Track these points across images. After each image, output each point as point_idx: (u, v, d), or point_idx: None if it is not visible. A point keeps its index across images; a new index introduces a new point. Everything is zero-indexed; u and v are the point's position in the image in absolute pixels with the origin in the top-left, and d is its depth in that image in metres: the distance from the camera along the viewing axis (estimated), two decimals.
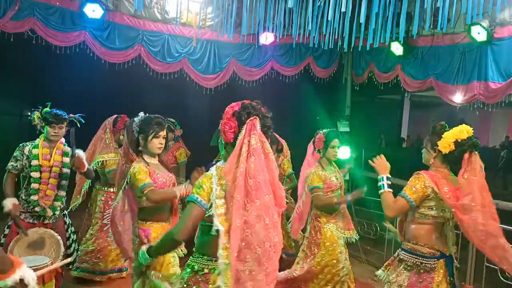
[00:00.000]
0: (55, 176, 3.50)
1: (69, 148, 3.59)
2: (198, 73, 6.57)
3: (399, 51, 6.38)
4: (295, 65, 7.24)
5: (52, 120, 3.44)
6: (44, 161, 3.44)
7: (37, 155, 3.43)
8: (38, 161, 3.42)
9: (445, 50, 6.01)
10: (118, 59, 6.01)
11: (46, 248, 3.26)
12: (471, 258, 4.17)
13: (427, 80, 6.27)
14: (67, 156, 3.57)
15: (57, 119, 3.45)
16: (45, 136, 3.51)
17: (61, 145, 3.58)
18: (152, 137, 2.94)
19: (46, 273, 2.92)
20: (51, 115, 3.45)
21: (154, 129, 2.95)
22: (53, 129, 3.47)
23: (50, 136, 3.49)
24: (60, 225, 3.56)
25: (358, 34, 6.13)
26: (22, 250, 3.17)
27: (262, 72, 7.04)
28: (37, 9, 5.29)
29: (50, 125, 3.46)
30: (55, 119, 3.45)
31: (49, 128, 3.47)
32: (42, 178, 3.44)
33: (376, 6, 4.27)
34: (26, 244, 3.21)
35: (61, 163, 3.54)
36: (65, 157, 3.57)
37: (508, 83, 5.19)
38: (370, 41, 4.82)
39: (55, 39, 5.48)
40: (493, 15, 5.22)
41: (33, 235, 3.26)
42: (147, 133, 2.94)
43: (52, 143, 3.52)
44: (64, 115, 3.51)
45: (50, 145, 3.52)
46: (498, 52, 5.34)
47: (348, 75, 7.75)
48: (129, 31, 5.99)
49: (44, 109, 3.50)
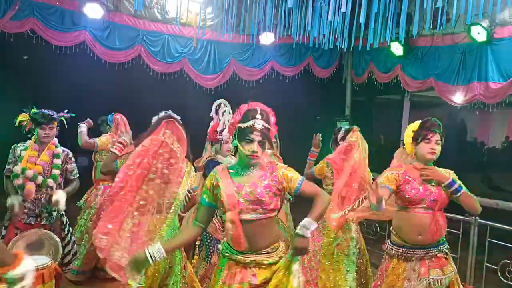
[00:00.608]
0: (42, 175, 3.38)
1: (61, 150, 3.50)
2: (198, 73, 6.58)
3: (399, 51, 6.38)
4: (295, 65, 7.25)
5: (42, 120, 3.33)
6: (29, 164, 3.33)
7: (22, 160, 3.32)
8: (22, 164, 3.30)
9: (445, 50, 6.02)
10: (118, 59, 6.01)
11: (45, 250, 3.22)
12: (471, 258, 4.18)
13: (427, 80, 6.27)
14: (58, 158, 3.47)
15: (46, 119, 3.35)
16: (36, 138, 3.41)
17: (53, 146, 3.47)
18: None
19: (46, 273, 2.92)
20: (40, 115, 3.34)
21: None
22: (43, 131, 3.36)
23: (42, 138, 3.38)
24: (57, 226, 3.52)
25: (358, 34, 6.13)
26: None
27: (262, 72, 7.04)
28: (37, 9, 5.29)
29: (40, 126, 3.35)
30: (44, 119, 3.34)
31: (39, 129, 3.36)
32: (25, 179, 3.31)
33: (376, 6, 4.26)
34: (24, 245, 3.17)
35: (47, 164, 3.42)
36: (56, 159, 3.46)
37: (509, 83, 5.19)
38: (370, 41, 4.81)
39: (55, 39, 5.49)
40: (493, 15, 5.22)
41: (32, 236, 3.22)
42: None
43: (43, 144, 3.42)
44: (53, 115, 3.40)
45: (41, 147, 3.42)
46: (498, 52, 5.34)
47: (348, 75, 7.76)
48: (129, 31, 6.00)
49: (32, 110, 3.41)
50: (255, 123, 2.15)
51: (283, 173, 2.26)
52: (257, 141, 2.16)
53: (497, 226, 4.09)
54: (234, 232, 2.17)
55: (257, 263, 2.22)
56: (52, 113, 3.41)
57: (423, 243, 2.68)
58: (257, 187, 2.20)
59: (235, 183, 2.22)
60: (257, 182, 2.22)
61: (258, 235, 2.21)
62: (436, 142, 2.68)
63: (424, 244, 2.69)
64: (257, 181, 2.22)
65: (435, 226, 2.67)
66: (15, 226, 3.35)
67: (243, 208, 2.18)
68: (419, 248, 2.70)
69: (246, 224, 2.18)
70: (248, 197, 2.18)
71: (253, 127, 2.15)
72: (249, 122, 2.16)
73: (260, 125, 2.16)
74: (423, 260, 2.70)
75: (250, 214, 2.19)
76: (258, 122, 2.15)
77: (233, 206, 2.17)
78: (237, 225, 2.16)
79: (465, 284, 4.20)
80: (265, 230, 2.24)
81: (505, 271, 3.94)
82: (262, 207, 2.19)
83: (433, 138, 2.68)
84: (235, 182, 2.23)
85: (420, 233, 2.67)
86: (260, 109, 2.21)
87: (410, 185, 2.69)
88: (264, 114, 2.20)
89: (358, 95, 7.98)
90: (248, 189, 2.19)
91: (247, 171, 2.25)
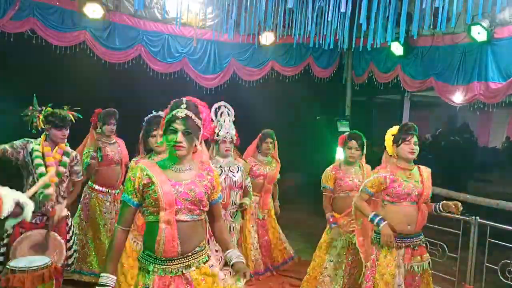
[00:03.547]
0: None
1: (70, 149, 3.57)
2: (198, 73, 6.58)
3: (399, 51, 6.38)
4: (295, 65, 7.24)
5: (61, 124, 3.41)
6: (47, 157, 3.40)
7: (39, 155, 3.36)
8: (42, 159, 3.37)
9: (445, 50, 6.01)
10: (118, 59, 6.01)
11: (49, 251, 3.24)
12: (471, 258, 4.17)
13: (427, 80, 6.27)
14: (67, 156, 3.55)
15: (64, 123, 3.42)
16: (49, 137, 3.46)
17: (63, 144, 3.54)
18: (148, 136, 3.01)
19: (46, 273, 2.93)
20: (59, 119, 3.40)
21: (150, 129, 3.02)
22: (61, 132, 3.43)
23: (58, 139, 3.45)
24: (63, 227, 3.53)
25: (358, 34, 6.13)
26: (24, 251, 3.15)
27: (262, 72, 7.04)
28: (37, 9, 5.28)
29: (58, 128, 3.42)
30: (63, 122, 3.41)
31: (56, 131, 3.42)
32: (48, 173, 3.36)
33: (376, 6, 4.27)
34: (29, 245, 3.18)
35: (59, 162, 3.49)
36: (65, 157, 3.54)
37: (509, 83, 5.18)
38: (370, 41, 4.82)
39: (55, 39, 5.48)
40: (493, 15, 5.22)
41: (37, 236, 3.23)
42: (147, 132, 3.01)
43: (54, 143, 3.48)
44: (68, 117, 3.47)
45: (52, 145, 3.48)
46: (498, 52, 5.33)
47: (348, 75, 7.75)
48: (129, 31, 5.99)
49: (46, 109, 3.45)
50: (178, 112, 2.04)
51: (217, 180, 2.20)
52: (181, 131, 2.02)
53: (497, 226, 4.09)
54: (168, 234, 2.01)
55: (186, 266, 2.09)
56: (67, 115, 3.46)
57: (411, 232, 3.09)
58: (196, 186, 2.09)
59: (171, 180, 2.06)
60: (195, 181, 2.11)
61: (190, 237, 2.09)
62: (415, 143, 3.05)
63: (412, 233, 3.10)
64: (196, 180, 2.11)
65: (421, 216, 3.10)
66: (20, 225, 3.35)
67: (180, 207, 2.04)
68: (407, 237, 3.10)
69: (180, 225, 2.04)
70: (187, 196, 2.06)
71: (175, 115, 2.04)
72: (173, 112, 2.06)
73: (182, 114, 2.03)
74: (408, 248, 3.10)
75: (186, 215, 2.06)
76: (181, 111, 2.04)
77: (170, 205, 2.01)
78: (172, 226, 2.01)
79: (465, 284, 4.21)
80: (197, 232, 2.13)
81: (505, 271, 3.94)
82: (200, 208, 2.10)
83: (412, 139, 3.04)
84: (170, 179, 2.06)
85: (409, 223, 3.08)
86: (186, 100, 2.10)
87: (396, 183, 3.08)
88: (191, 105, 2.08)
89: (358, 95, 7.97)
90: (186, 188, 2.06)
91: (182, 167, 2.11)
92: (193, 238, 2.11)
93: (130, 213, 2.11)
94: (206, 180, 2.15)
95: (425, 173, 3.17)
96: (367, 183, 3.21)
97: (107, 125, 4.43)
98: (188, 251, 2.09)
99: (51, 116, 3.41)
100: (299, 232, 6.36)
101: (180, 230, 2.04)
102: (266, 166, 4.77)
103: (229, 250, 2.22)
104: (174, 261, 2.06)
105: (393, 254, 3.07)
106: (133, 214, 2.12)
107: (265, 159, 4.81)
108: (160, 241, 2.01)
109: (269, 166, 4.79)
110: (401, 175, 3.09)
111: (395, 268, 3.05)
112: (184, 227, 2.06)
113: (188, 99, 2.11)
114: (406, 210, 3.08)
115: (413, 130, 3.06)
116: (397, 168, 3.12)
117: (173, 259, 2.06)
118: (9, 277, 2.84)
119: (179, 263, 2.07)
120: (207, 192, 2.14)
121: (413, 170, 3.15)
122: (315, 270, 3.98)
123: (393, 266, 3.05)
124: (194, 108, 2.09)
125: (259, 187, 4.73)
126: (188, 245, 2.09)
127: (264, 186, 4.73)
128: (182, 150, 2.04)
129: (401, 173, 3.11)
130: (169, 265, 2.06)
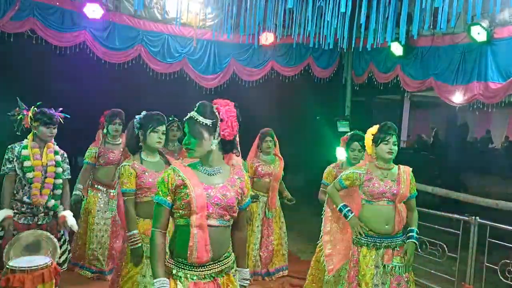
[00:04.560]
0: (52, 176, 3.48)
1: (58, 147, 3.60)
2: (198, 73, 6.58)
3: (399, 51, 6.38)
4: (295, 65, 7.24)
5: (49, 121, 3.43)
6: (35, 161, 3.40)
7: (27, 156, 3.38)
8: (30, 161, 3.38)
9: (445, 50, 6.01)
10: (118, 59, 6.01)
11: (42, 251, 3.23)
12: (471, 258, 4.17)
13: (426, 80, 6.27)
14: (57, 154, 3.58)
15: (52, 120, 3.45)
16: (36, 136, 3.47)
17: (51, 144, 3.56)
18: (151, 131, 3.00)
19: (46, 272, 2.93)
20: (47, 116, 3.43)
21: (153, 124, 3.01)
22: (49, 129, 3.45)
23: (47, 136, 3.46)
24: (54, 225, 3.54)
25: (358, 34, 6.13)
26: (17, 253, 3.13)
27: (262, 72, 7.04)
28: (37, 9, 5.28)
29: (47, 125, 3.44)
30: (51, 120, 3.43)
31: (44, 128, 3.43)
32: (35, 177, 3.39)
33: (375, 6, 4.27)
34: (22, 247, 3.17)
35: (54, 162, 3.51)
36: (57, 156, 3.56)
37: (508, 83, 5.18)
38: (370, 41, 4.82)
39: (55, 39, 5.48)
40: (493, 15, 5.21)
41: (29, 238, 3.22)
42: (146, 128, 3.00)
43: (42, 142, 3.49)
44: (56, 115, 3.50)
45: (40, 144, 3.48)
46: (498, 52, 5.33)
47: (348, 75, 7.75)
48: (129, 31, 5.99)
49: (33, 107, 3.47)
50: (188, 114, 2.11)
51: (247, 185, 2.16)
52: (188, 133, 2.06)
53: (497, 226, 4.09)
54: (200, 239, 1.97)
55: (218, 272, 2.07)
56: (54, 113, 3.49)
57: (390, 231, 3.08)
58: (228, 191, 2.06)
59: (202, 184, 2.02)
60: (227, 186, 2.08)
61: (220, 243, 2.07)
62: (393, 143, 3.05)
63: (390, 233, 3.09)
64: (228, 185, 2.08)
65: (399, 216, 3.08)
66: (13, 227, 3.35)
67: (211, 212, 2.01)
68: (386, 237, 3.09)
69: (211, 230, 2.01)
70: (219, 201, 2.02)
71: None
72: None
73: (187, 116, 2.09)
74: (389, 249, 3.09)
75: (217, 220, 2.03)
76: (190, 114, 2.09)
77: (201, 209, 1.97)
78: (204, 230, 1.98)
79: (464, 284, 4.21)
80: (226, 237, 2.12)
81: (505, 271, 3.94)
82: (230, 213, 2.07)
83: (391, 140, 3.04)
84: (202, 182, 2.03)
85: (387, 223, 3.07)
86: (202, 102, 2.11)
87: (372, 181, 3.10)
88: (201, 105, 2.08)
89: (358, 95, 7.97)
90: (218, 192, 2.03)
91: (213, 171, 2.08)
92: (223, 244, 2.11)
93: (166, 215, 2.06)
94: (237, 185, 2.11)
95: (404, 173, 3.12)
96: (342, 175, 3.26)
97: (112, 125, 4.45)
98: (219, 257, 2.08)
99: (40, 113, 3.43)
100: (299, 232, 6.36)
101: (211, 235, 2.00)
102: (270, 165, 4.78)
103: (239, 268, 2.22)
104: (206, 267, 2.04)
105: (372, 254, 3.08)
106: (168, 215, 2.08)
107: (268, 158, 4.82)
108: (193, 247, 1.98)
109: (273, 164, 4.80)
110: (377, 174, 3.11)
111: (374, 268, 3.06)
112: (214, 232, 2.03)
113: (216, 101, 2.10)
114: (383, 210, 3.09)
115: (392, 130, 3.07)
116: (375, 167, 3.15)
117: (205, 264, 2.04)
118: (9, 277, 2.85)
119: (211, 268, 2.05)
120: (238, 197, 2.10)
121: (393, 170, 3.14)
122: (320, 270, 3.95)
123: (371, 266, 3.06)
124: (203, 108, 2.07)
125: (266, 187, 4.75)
126: (219, 251, 2.08)
127: (271, 185, 4.74)
128: (190, 152, 2.06)
129: (378, 172, 3.12)
130: (202, 271, 2.04)
